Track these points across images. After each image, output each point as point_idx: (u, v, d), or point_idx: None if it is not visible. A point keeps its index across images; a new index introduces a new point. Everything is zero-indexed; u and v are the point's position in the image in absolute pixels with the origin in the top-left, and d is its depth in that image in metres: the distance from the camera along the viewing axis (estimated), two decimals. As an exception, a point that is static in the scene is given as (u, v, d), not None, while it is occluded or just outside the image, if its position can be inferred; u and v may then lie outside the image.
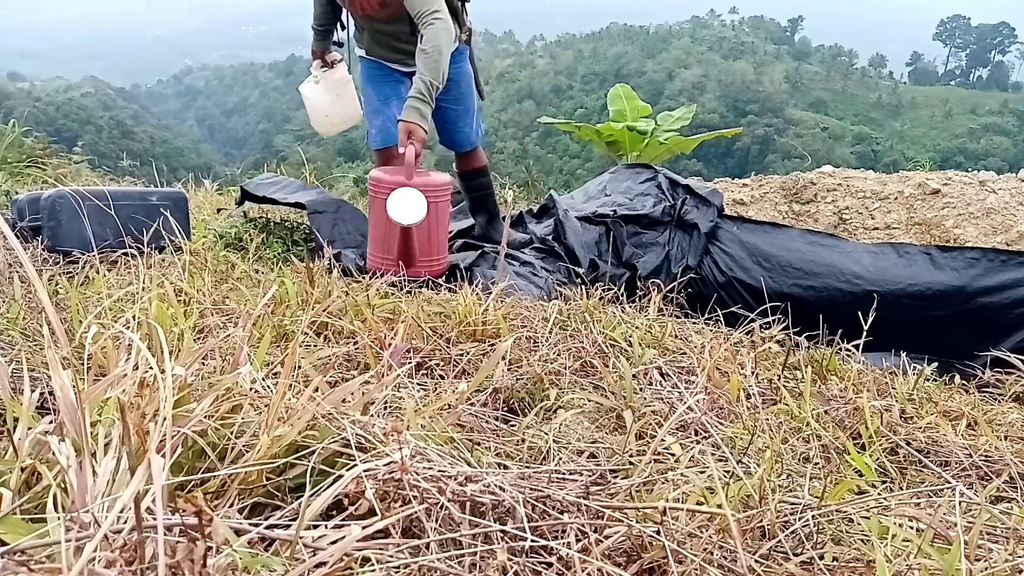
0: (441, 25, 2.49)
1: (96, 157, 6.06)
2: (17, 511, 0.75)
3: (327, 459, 0.90)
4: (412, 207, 2.29)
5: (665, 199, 3.09)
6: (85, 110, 68.25)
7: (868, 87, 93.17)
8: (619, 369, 1.47)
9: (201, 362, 1.18)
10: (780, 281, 2.77)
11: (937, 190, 4.40)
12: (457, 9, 2.78)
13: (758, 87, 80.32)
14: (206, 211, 3.44)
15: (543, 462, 1.13)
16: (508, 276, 2.35)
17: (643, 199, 3.13)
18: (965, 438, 1.44)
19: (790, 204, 4.65)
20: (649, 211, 3.04)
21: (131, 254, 1.97)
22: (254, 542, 0.75)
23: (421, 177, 2.39)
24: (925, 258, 2.72)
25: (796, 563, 0.84)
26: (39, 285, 0.91)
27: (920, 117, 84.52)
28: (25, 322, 1.48)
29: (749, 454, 1.19)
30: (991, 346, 2.32)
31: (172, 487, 0.83)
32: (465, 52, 2.89)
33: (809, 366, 1.68)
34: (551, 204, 3.25)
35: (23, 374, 0.96)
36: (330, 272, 2.17)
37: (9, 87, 69.27)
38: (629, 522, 0.84)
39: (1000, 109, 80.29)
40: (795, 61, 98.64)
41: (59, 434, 0.82)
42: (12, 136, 4.09)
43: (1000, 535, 0.98)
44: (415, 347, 1.56)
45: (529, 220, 3.28)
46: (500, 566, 0.75)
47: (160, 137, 72.30)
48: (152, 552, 0.65)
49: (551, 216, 3.15)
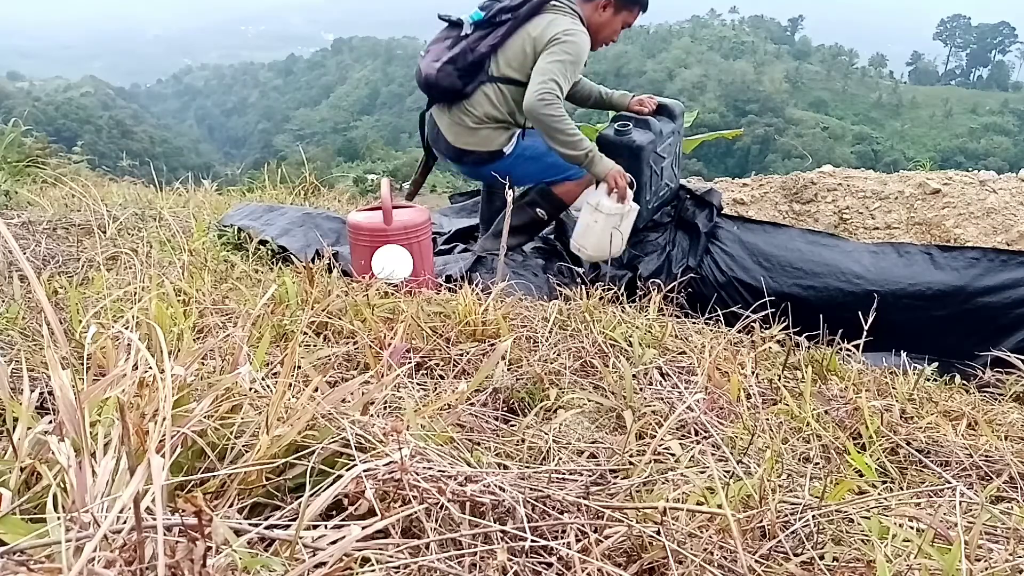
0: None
1: (96, 157, 6.07)
2: (17, 511, 0.75)
3: (327, 459, 0.90)
4: (397, 265, 2.31)
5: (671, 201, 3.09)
6: (84, 110, 68.21)
7: (868, 87, 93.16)
8: (619, 369, 1.47)
9: (201, 362, 1.18)
10: (780, 281, 2.76)
11: (937, 190, 4.40)
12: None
13: (758, 87, 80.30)
14: (206, 211, 3.44)
15: (543, 462, 1.13)
16: (508, 276, 2.35)
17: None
18: (965, 438, 1.44)
19: (790, 204, 4.65)
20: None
21: (130, 253, 1.97)
22: (254, 542, 0.75)
23: (400, 217, 2.38)
24: (925, 258, 2.72)
25: (796, 563, 0.84)
26: (38, 285, 0.91)
27: (920, 117, 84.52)
28: (25, 322, 1.48)
29: (749, 454, 1.19)
30: (991, 346, 2.32)
31: (172, 487, 0.83)
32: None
33: (809, 366, 1.68)
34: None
35: (23, 374, 0.96)
36: (330, 272, 2.17)
37: (9, 87, 69.32)
38: (629, 522, 0.84)
39: (1000, 109, 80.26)
40: (795, 61, 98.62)
41: (59, 434, 0.82)
42: (12, 136, 4.08)
43: (1000, 535, 0.98)
44: (415, 347, 1.55)
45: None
46: (500, 566, 0.75)
47: (160, 137, 72.29)
48: (152, 552, 0.65)
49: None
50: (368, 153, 35.59)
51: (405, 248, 2.34)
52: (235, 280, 2.02)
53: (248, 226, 2.82)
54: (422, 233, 2.40)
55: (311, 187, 4.60)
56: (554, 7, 2.70)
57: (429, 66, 2.74)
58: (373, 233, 2.33)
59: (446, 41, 2.77)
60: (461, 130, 2.81)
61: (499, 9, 2.68)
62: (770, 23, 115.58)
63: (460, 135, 2.82)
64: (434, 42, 2.82)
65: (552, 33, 2.64)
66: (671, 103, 3.05)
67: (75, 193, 3.07)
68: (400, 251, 2.34)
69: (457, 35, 2.74)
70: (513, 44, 2.69)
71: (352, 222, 2.39)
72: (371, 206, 2.52)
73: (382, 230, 2.32)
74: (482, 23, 2.70)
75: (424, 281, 2.33)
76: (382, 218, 2.33)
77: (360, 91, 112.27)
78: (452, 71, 2.69)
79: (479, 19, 2.71)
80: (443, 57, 2.71)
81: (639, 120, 2.86)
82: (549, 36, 2.64)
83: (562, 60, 2.62)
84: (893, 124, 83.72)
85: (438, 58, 2.73)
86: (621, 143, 2.78)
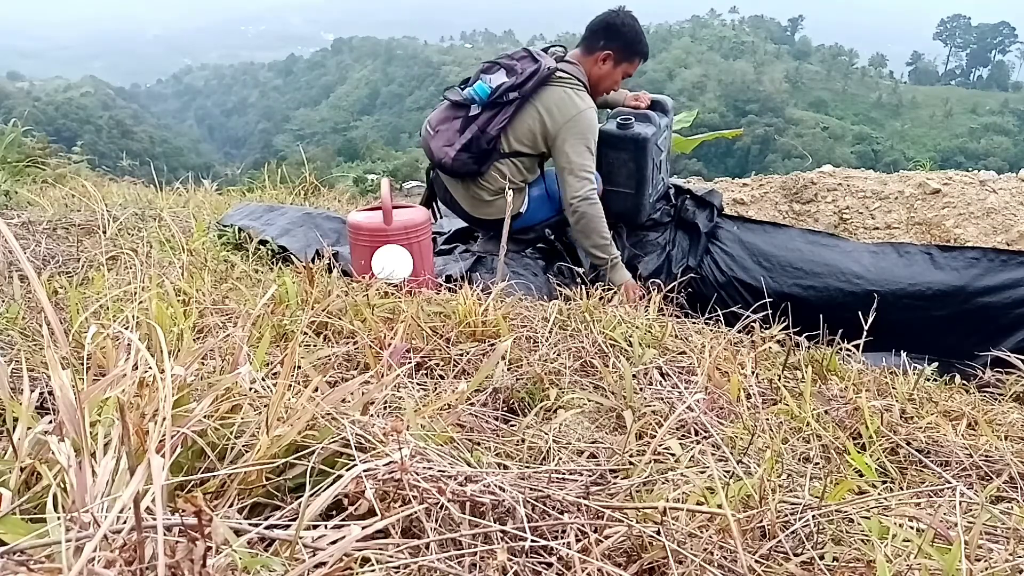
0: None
1: (96, 157, 6.07)
2: (17, 511, 0.75)
3: (327, 459, 0.90)
4: (397, 265, 2.31)
5: (665, 200, 3.09)
6: (84, 110, 68.24)
7: (868, 87, 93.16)
8: (619, 369, 1.47)
9: (201, 362, 1.18)
10: (780, 281, 2.76)
11: (937, 190, 4.40)
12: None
13: (758, 87, 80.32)
14: (206, 211, 3.44)
15: (543, 462, 1.13)
16: (508, 276, 2.35)
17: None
18: (965, 438, 1.44)
19: (790, 204, 4.65)
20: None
21: (130, 253, 1.97)
22: (254, 542, 0.75)
23: (400, 217, 2.38)
24: (925, 258, 2.71)
25: (796, 563, 0.84)
26: (38, 285, 0.91)
27: (920, 117, 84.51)
28: (25, 322, 1.48)
29: (749, 454, 1.19)
30: (991, 346, 2.32)
31: (172, 487, 0.83)
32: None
33: (809, 366, 1.68)
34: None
35: (23, 374, 0.96)
36: (330, 272, 2.17)
37: (9, 87, 69.31)
38: (629, 522, 0.84)
39: (1000, 109, 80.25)
40: (795, 61, 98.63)
41: (59, 434, 0.82)
42: (12, 136, 4.09)
43: (1000, 535, 0.98)
44: (415, 347, 1.55)
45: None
46: (500, 566, 0.75)
47: (159, 137, 72.31)
48: (152, 552, 0.65)
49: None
50: (368, 153, 35.59)
51: (405, 248, 2.34)
52: (235, 280, 2.02)
53: (248, 226, 2.82)
54: (422, 233, 2.40)
55: (311, 187, 4.60)
56: (559, 79, 2.71)
57: (442, 151, 2.74)
58: (373, 233, 2.33)
59: (454, 122, 2.75)
60: (477, 203, 2.86)
61: (506, 88, 2.67)
62: (770, 23, 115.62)
63: (477, 207, 2.87)
64: (441, 122, 2.78)
65: (565, 118, 2.68)
66: (662, 98, 3.07)
67: (75, 193, 3.07)
68: (400, 251, 2.34)
69: (465, 116, 2.72)
70: (522, 121, 2.72)
71: (352, 222, 2.40)
72: (371, 206, 2.52)
73: (382, 230, 2.32)
74: (489, 104, 2.70)
75: (424, 281, 2.33)
76: (382, 218, 2.33)
77: (360, 91, 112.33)
78: (467, 159, 2.71)
79: (485, 97, 2.69)
80: (455, 143, 2.71)
81: (639, 114, 2.87)
82: (563, 121, 2.68)
83: (584, 145, 2.69)
84: (893, 124, 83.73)
85: (450, 143, 2.72)
86: (626, 136, 2.79)
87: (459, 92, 2.77)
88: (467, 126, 2.71)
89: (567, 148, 2.68)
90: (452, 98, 2.77)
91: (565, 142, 2.68)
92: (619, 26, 2.74)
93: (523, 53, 2.77)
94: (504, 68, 2.73)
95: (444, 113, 2.79)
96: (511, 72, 2.70)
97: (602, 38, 2.75)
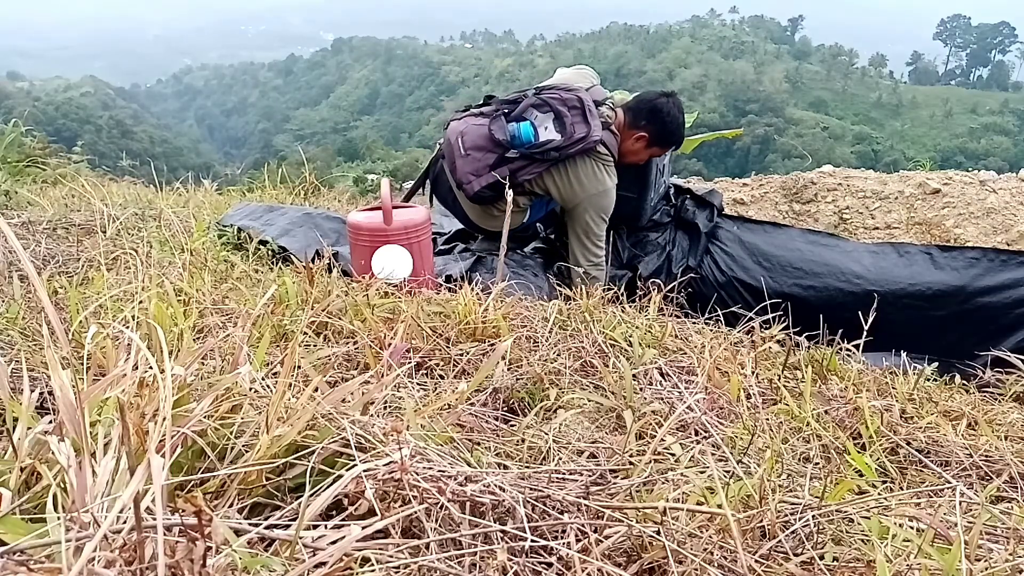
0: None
1: (96, 157, 6.07)
2: (17, 511, 0.75)
3: (327, 459, 0.90)
4: (397, 265, 2.32)
5: (665, 200, 3.09)
6: (84, 110, 68.30)
7: (868, 87, 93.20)
8: (619, 369, 1.47)
9: (201, 362, 1.18)
10: (780, 281, 2.76)
11: (937, 190, 4.40)
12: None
13: (758, 87, 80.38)
14: (206, 211, 3.44)
15: (543, 462, 1.13)
16: (508, 276, 2.35)
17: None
18: (965, 438, 1.44)
19: (790, 204, 4.65)
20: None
21: (130, 253, 1.97)
22: (254, 542, 0.75)
23: (400, 217, 2.38)
24: (925, 258, 2.72)
25: (796, 563, 0.84)
26: (39, 285, 0.91)
27: (920, 117, 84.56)
28: (25, 322, 1.48)
29: (749, 454, 1.19)
30: (991, 346, 2.32)
31: (172, 487, 0.83)
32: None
33: (809, 366, 1.68)
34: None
35: (23, 374, 0.96)
36: (330, 272, 2.17)
37: (8, 87, 69.36)
38: (629, 522, 0.84)
39: (1000, 109, 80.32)
40: (795, 61, 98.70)
41: (59, 434, 0.82)
42: (12, 136, 4.09)
43: (1000, 535, 0.98)
44: (415, 347, 1.55)
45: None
46: (500, 566, 0.75)
47: (159, 137, 72.38)
48: (152, 552, 0.65)
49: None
50: (368, 153, 35.62)
51: (405, 248, 2.34)
52: (235, 280, 2.02)
53: (248, 226, 2.82)
54: (422, 233, 2.40)
55: (311, 187, 4.60)
56: (599, 155, 2.73)
57: (467, 178, 2.72)
58: (373, 233, 2.33)
59: (488, 155, 2.71)
60: (485, 216, 2.87)
61: (551, 148, 2.67)
62: (770, 23, 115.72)
63: (483, 219, 2.89)
64: (476, 148, 2.71)
65: (590, 192, 2.73)
66: None
67: (75, 193, 3.07)
68: (400, 251, 2.34)
69: (501, 155, 2.70)
70: (551, 177, 2.75)
71: (352, 222, 2.40)
72: (371, 206, 2.52)
73: (382, 230, 2.32)
74: (527, 155, 2.69)
75: (424, 281, 2.34)
76: (382, 218, 2.33)
77: (360, 91, 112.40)
78: (489, 193, 2.73)
79: (526, 145, 2.67)
80: (483, 176, 2.70)
81: None
82: (588, 194, 2.73)
83: (601, 216, 2.78)
84: (893, 124, 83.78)
85: (478, 174, 2.71)
86: None
87: (504, 126, 2.69)
88: (500, 165, 2.70)
89: (587, 217, 2.76)
90: (496, 133, 2.69)
91: (586, 212, 2.75)
92: (663, 114, 2.75)
93: (576, 101, 2.70)
94: (555, 113, 2.69)
95: (481, 140, 2.72)
96: (559, 120, 2.68)
97: (645, 118, 2.76)
